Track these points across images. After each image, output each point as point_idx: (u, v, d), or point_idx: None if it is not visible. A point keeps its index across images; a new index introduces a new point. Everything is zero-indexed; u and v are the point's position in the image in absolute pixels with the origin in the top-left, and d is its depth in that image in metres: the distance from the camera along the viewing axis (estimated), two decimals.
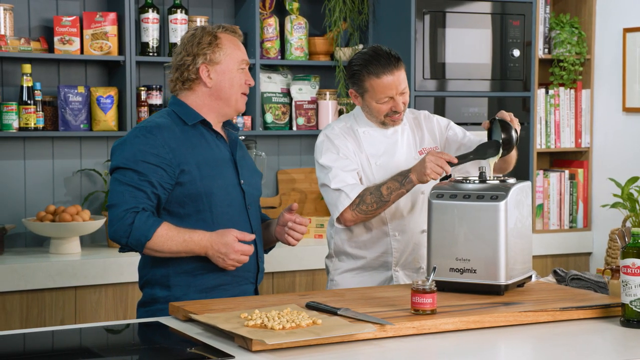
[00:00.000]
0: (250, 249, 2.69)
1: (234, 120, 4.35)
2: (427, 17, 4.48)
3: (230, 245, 2.66)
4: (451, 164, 2.91)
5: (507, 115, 2.94)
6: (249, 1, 4.47)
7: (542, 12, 4.89)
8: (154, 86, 4.34)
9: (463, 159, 2.94)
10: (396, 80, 3.01)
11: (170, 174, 2.69)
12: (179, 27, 4.33)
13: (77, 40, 4.18)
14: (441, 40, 4.52)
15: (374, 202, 2.98)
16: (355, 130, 3.12)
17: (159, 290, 2.76)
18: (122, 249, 2.73)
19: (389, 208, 3.05)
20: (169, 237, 2.65)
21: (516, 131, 2.92)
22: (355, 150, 3.10)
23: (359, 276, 3.14)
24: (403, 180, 2.96)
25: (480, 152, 2.95)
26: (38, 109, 4.09)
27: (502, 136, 2.91)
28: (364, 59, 3.03)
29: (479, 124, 4.63)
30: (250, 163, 2.93)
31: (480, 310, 2.53)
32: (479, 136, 3.19)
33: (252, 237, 2.70)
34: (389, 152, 3.11)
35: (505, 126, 2.92)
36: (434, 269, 2.63)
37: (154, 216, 2.68)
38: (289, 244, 2.89)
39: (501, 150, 2.92)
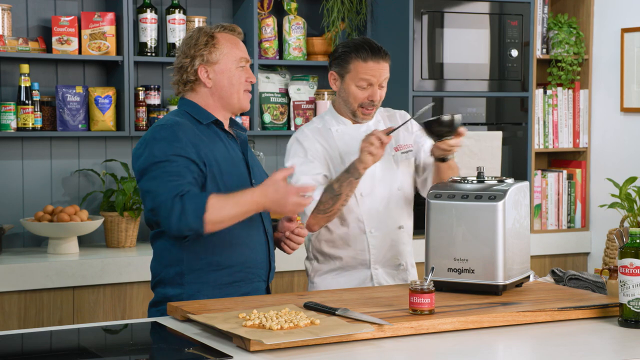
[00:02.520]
0: (308, 188, 2.69)
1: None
2: (425, 17, 4.48)
3: (284, 189, 2.63)
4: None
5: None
6: (247, 1, 4.47)
7: (540, 12, 4.89)
8: (152, 86, 4.34)
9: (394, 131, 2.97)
10: (380, 69, 3.04)
11: (201, 168, 2.71)
12: (177, 27, 4.33)
13: (75, 40, 4.18)
14: (439, 40, 4.52)
15: (329, 198, 2.98)
16: (328, 129, 3.12)
17: (170, 289, 2.76)
18: (186, 238, 2.69)
19: (364, 204, 3.06)
20: (222, 204, 2.62)
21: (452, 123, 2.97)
22: (327, 151, 3.09)
23: (339, 277, 3.13)
24: (349, 168, 2.96)
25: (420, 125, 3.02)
26: (36, 109, 4.09)
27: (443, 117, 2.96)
28: (354, 43, 3.07)
29: (478, 124, 4.64)
30: (258, 164, 2.96)
31: (479, 311, 2.53)
32: (478, 140, 3.18)
33: (308, 188, 2.70)
34: None
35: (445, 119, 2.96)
36: (432, 269, 2.63)
37: (199, 192, 2.67)
38: (285, 252, 2.92)
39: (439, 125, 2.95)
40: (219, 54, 2.79)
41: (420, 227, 3.05)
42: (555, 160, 5.15)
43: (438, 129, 2.95)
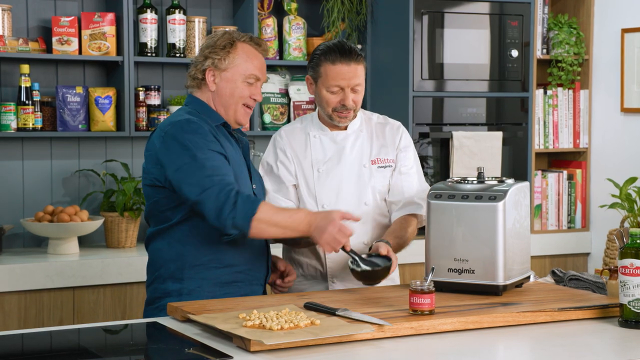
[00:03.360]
0: (350, 231, 2.67)
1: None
2: (425, 18, 4.48)
3: (331, 219, 2.64)
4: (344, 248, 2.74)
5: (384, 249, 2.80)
6: (247, 1, 4.47)
7: (540, 13, 4.89)
8: (152, 86, 4.34)
9: (353, 253, 2.74)
10: (350, 72, 2.93)
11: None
12: (177, 28, 4.33)
13: (75, 40, 4.18)
14: (439, 40, 4.52)
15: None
16: (307, 133, 3.08)
17: (170, 283, 2.76)
18: (228, 235, 2.66)
19: None
20: (273, 213, 2.65)
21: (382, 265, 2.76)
22: (298, 158, 3.04)
23: (300, 284, 3.07)
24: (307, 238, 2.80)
25: (367, 263, 2.77)
26: (36, 110, 4.09)
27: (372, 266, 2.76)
28: (326, 45, 2.99)
29: (477, 124, 4.64)
30: (255, 169, 2.97)
31: (479, 311, 2.53)
32: (479, 140, 3.16)
33: (357, 218, 2.72)
34: (335, 158, 3.04)
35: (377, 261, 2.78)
36: (432, 269, 2.63)
37: (252, 196, 2.73)
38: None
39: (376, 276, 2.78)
40: (230, 62, 2.79)
41: (420, 227, 3.04)
42: (556, 160, 5.15)
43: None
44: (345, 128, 3.08)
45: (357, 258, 2.74)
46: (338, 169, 3.03)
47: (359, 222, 2.87)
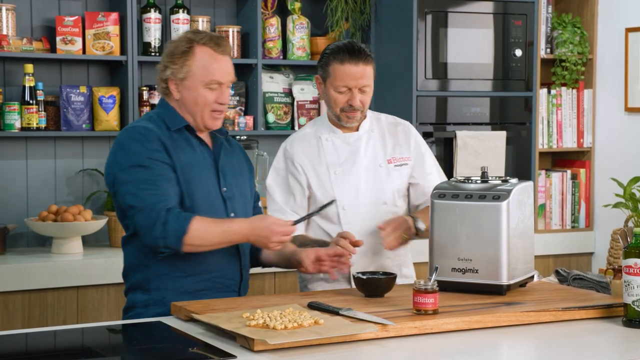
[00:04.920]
0: (292, 229, 2.67)
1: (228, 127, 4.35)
2: (429, 17, 4.48)
3: (270, 228, 2.63)
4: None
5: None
6: (251, 1, 4.47)
7: (544, 12, 4.89)
8: (155, 86, 4.34)
9: (300, 220, 2.81)
10: (358, 72, 2.94)
11: (173, 172, 2.69)
12: (181, 27, 4.33)
13: (79, 40, 4.18)
14: (443, 40, 4.52)
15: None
16: (318, 137, 3.07)
17: (140, 294, 2.74)
18: (162, 253, 2.65)
19: (346, 218, 3.01)
20: (207, 229, 2.62)
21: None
22: (311, 164, 3.03)
23: (328, 285, 3.05)
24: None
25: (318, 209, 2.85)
26: (40, 109, 4.09)
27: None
28: (336, 45, 2.99)
29: (481, 123, 4.64)
30: (237, 168, 2.87)
31: (482, 310, 2.53)
32: (482, 140, 3.16)
33: (292, 229, 2.68)
34: (350, 159, 3.05)
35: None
36: (436, 269, 2.63)
37: (183, 212, 2.64)
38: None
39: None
40: (187, 70, 2.71)
41: None
42: (559, 160, 5.15)
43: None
44: (357, 129, 3.08)
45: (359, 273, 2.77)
46: (354, 170, 3.04)
47: (380, 222, 2.95)
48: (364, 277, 2.73)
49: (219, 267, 2.76)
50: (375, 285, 2.73)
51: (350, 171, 3.04)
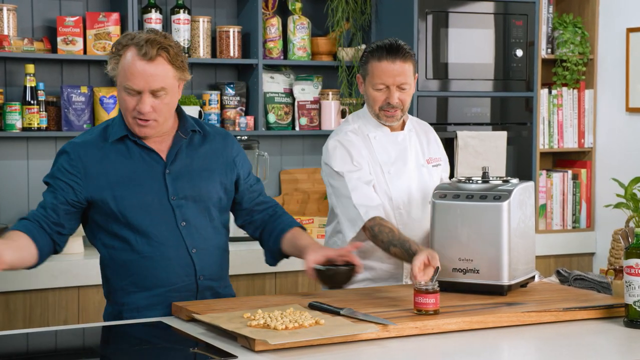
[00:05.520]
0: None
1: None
2: (429, 17, 4.48)
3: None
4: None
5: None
6: (252, 1, 4.47)
7: (545, 12, 4.89)
8: None
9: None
10: (396, 70, 2.93)
11: (78, 193, 2.62)
12: (181, 28, 4.33)
13: (80, 40, 4.18)
14: (444, 40, 4.52)
15: (381, 247, 2.86)
16: (366, 135, 3.04)
17: (108, 305, 2.72)
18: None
19: (401, 218, 3.00)
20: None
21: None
22: (369, 158, 3.01)
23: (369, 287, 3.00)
24: (408, 258, 2.73)
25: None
26: (41, 109, 4.10)
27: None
28: (376, 44, 2.98)
29: (482, 124, 4.63)
30: (202, 168, 2.70)
31: (483, 311, 2.53)
32: (483, 140, 3.16)
33: None
34: (401, 159, 3.05)
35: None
36: (437, 269, 2.62)
37: (26, 223, 2.59)
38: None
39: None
40: (117, 71, 2.58)
41: None
42: (560, 160, 5.14)
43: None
44: (402, 128, 3.08)
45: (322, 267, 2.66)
46: (406, 170, 3.04)
47: (422, 220, 2.96)
48: (323, 267, 2.63)
49: (170, 280, 2.64)
50: (332, 277, 2.63)
51: (403, 171, 3.04)
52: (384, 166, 3.03)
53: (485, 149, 4.53)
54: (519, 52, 4.67)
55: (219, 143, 2.78)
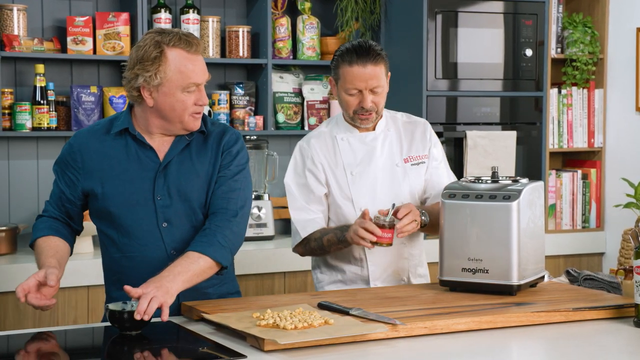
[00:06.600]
0: (44, 303, 2.46)
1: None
2: (439, 17, 4.47)
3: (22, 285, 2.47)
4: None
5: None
6: (261, 1, 4.47)
7: (554, 12, 4.88)
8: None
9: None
10: (368, 74, 2.88)
11: (77, 186, 2.68)
12: (191, 27, 4.34)
13: (90, 40, 4.19)
14: (453, 39, 4.51)
15: (317, 248, 2.97)
16: (334, 136, 3.03)
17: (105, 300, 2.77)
18: None
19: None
20: (39, 251, 2.63)
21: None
22: (329, 164, 3.00)
23: (345, 286, 3.03)
24: (340, 236, 2.88)
25: None
26: (51, 109, 4.11)
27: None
28: (345, 47, 2.94)
29: (492, 123, 4.63)
30: (196, 169, 2.66)
31: (493, 311, 2.53)
32: (493, 140, 3.15)
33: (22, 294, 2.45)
34: (366, 159, 3.01)
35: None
36: (393, 205, 2.79)
37: (51, 223, 2.70)
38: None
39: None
40: (163, 76, 2.54)
41: None
42: (570, 160, 5.13)
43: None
44: (373, 128, 3.05)
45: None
46: (371, 170, 3.01)
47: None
48: (117, 309, 2.40)
49: (145, 279, 2.51)
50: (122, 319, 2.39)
51: (367, 171, 3.01)
52: (347, 167, 3.01)
53: (495, 149, 4.52)
54: (529, 52, 4.66)
55: (214, 142, 2.72)
